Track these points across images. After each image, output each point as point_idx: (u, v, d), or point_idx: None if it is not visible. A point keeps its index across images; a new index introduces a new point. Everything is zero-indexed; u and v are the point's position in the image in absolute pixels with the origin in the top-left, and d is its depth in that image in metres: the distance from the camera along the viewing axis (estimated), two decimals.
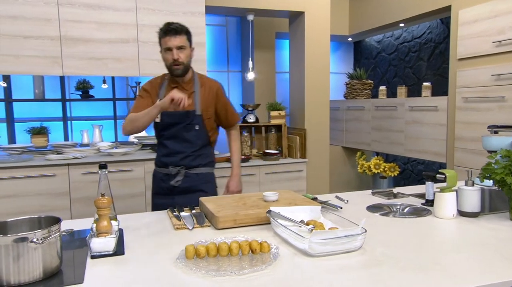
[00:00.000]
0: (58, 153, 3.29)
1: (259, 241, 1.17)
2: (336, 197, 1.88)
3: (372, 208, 1.69)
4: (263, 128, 4.11)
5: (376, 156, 4.71)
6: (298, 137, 3.89)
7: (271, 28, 4.70)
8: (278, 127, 4.03)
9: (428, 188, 1.68)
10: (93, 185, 3.07)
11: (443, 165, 3.85)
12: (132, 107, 2.05)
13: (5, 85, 3.61)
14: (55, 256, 1.07)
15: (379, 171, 4.57)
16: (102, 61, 3.20)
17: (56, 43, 3.06)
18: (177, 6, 3.36)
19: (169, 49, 1.97)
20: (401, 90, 4.07)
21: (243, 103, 4.88)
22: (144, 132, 3.96)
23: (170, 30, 1.95)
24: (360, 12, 4.81)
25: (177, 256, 1.16)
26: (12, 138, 3.74)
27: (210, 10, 3.75)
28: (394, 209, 1.68)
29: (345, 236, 1.14)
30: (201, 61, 3.44)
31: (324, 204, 1.67)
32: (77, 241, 1.36)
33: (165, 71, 2.11)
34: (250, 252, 1.16)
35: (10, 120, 3.74)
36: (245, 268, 1.05)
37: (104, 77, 3.90)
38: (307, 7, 3.86)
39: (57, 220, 1.11)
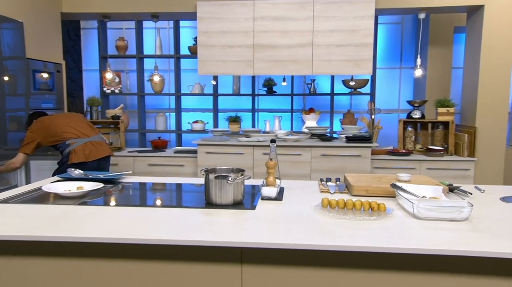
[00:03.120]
0: (246, 137, 4.17)
1: (378, 203, 1.53)
2: (475, 187, 1.99)
3: (508, 198, 1.77)
4: (429, 124, 4.12)
5: None
6: (467, 135, 3.78)
7: (449, 22, 4.59)
8: (446, 124, 3.99)
9: None
10: None
11: None
12: None
13: (215, 83, 4.74)
14: (240, 192, 1.69)
15: None
16: (283, 63, 3.89)
17: (250, 50, 3.91)
18: (348, 11, 3.77)
19: None
20: None
21: (413, 99, 4.93)
22: (314, 123, 4.55)
23: None
24: None
25: (316, 204, 1.63)
26: (216, 123, 4.88)
27: (380, 12, 4.01)
28: None
29: (449, 206, 1.39)
30: (367, 61, 3.77)
31: (456, 190, 1.85)
32: (255, 189, 1.98)
33: None
34: (370, 209, 1.53)
35: (215, 110, 4.89)
36: (362, 216, 1.44)
37: (284, 76, 4.64)
38: (488, 0, 3.68)
39: (242, 170, 1.73)
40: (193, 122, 4.73)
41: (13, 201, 1.74)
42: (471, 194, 1.82)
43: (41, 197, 1.83)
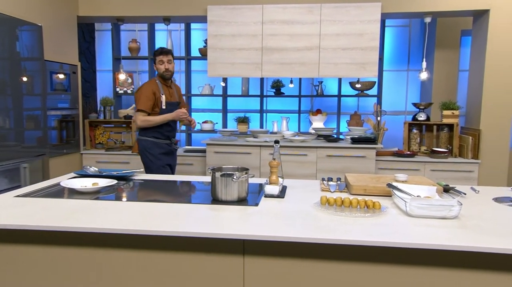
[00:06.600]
0: (254, 137, 4.28)
1: (373, 201, 1.63)
2: (471, 188, 2.07)
3: (500, 198, 1.85)
4: (434, 127, 4.18)
5: None
6: (471, 138, 3.83)
7: (456, 26, 4.63)
8: (451, 126, 4.05)
9: None
10: None
11: None
12: (143, 106, 3.02)
13: (224, 84, 4.86)
14: (244, 189, 1.80)
15: None
16: (290, 65, 3.99)
17: (258, 52, 4.02)
18: (355, 16, 3.86)
19: (162, 62, 3.07)
20: None
21: (420, 101, 4.97)
22: (321, 124, 4.64)
23: (163, 51, 3.09)
24: None
25: (315, 202, 1.73)
26: (225, 124, 5.00)
27: (387, 16, 4.08)
28: None
29: (439, 204, 1.48)
30: (373, 64, 3.85)
31: (451, 190, 1.93)
32: (259, 187, 2.09)
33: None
34: (365, 207, 1.63)
35: (224, 110, 5.00)
36: (357, 213, 1.54)
37: (291, 78, 4.73)
38: (493, 4, 3.73)
39: (247, 169, 1.84)
40: (203, 122, 4.86)
41: (34, 195, 1.88)
42: (465, 194, 1.90)
43: (59, 192, 1.96)
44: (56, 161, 3.79)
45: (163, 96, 3.09)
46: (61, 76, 3.90)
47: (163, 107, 3.09)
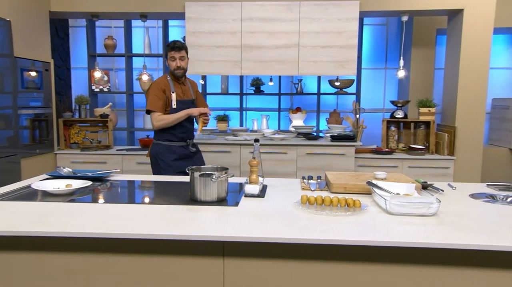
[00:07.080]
0: (234, 136, 4.24)
1: (353, 199, 1.62)
2: (448, 184, 2.10)
3: (476, 195, 1.88)
4: (412, 124, 4.25)
5: None
6: (447, 135, 3.91)
7: (431, 25, 4.71)
8: (427, 124, 4.12)
9: None
10: None
11: None
12: (154, 107, 2.72)
13: (203, 82, 4.80)
14: (224, 189, 1.77)
15: None
16: (270, 63, 3.97)
17: (237, 50, 3.98)
18: (333, 14, 3.87)
19: (174, 59, 2.73)
20: None
21: (397, 99, 5.05)
22: (301, 122, 4.64)
23: (175, 46, 2.73)
24: None
25: (296, 201, 1.72)
26: None
27: (365, 14, 4.11)
28: (498, 199, 1.83)
29: (418, 202, 1.49)
30: (352, 61, 3.87)
31: (429, 187, 1.95)
32: (239, 187, 2.06)
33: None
34: (346, 205, 1.62)
35: None
36: (337, 212, 1.53)
37: (271, 76, 4.72)
38: (467, 4, 3.81)
39: (226, 169, 1.80)
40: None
41: (2, 199, 1.79)
42: (443, 191, 1.92)
43: (30, 195, 1.88)
44: (28, 161, 3.65)
45: (174, 94, 2.76)
46: (33, 73, 3.76)
47: (174, 106, 2.76)
